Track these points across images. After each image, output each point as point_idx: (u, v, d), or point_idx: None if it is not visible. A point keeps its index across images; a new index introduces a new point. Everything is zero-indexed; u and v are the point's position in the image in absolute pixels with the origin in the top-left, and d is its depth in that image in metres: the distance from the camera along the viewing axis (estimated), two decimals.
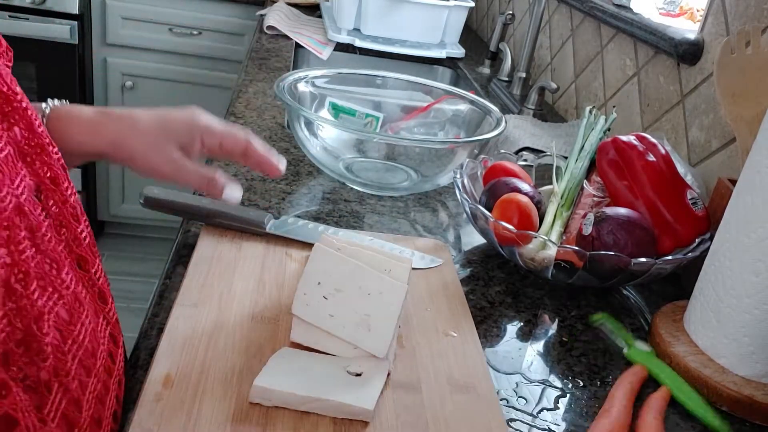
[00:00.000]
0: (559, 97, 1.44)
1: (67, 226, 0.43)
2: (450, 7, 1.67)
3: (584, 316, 0.72)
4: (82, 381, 0.41)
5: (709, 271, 0.65)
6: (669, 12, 1.19)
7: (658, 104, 1.06)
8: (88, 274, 0.46)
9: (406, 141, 0.99)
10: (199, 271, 0.64)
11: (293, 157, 0.97)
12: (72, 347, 0.40)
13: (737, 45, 0.79)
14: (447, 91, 1.08)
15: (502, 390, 0.58)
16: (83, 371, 0.41)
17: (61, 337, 0.39)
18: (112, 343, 0.47)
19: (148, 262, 2.46)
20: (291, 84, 0.95)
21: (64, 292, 0.40)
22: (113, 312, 0.49)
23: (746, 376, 0.61)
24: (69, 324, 0.40)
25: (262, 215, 0.72)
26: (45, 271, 0.39)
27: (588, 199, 0.80)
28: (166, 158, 0.58)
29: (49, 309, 0.38)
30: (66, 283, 0.41)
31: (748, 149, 0.63)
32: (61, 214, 0.43)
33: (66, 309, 0.40)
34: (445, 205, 0.93)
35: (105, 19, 2.18)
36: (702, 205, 0.75)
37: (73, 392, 0.39)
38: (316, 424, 0.49)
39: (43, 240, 0.39)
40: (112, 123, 0.57)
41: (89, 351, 0.42)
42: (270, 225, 0.72)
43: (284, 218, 0.75)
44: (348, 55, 1.66)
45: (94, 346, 0.43)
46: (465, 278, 0.75)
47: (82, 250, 0.45)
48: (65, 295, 0.40)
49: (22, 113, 0.40)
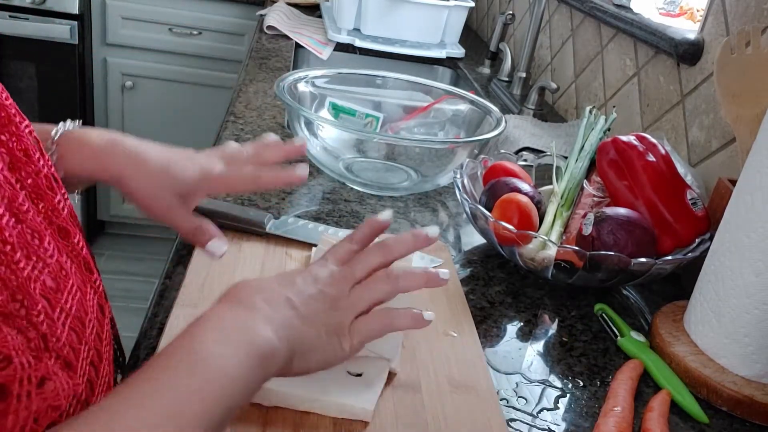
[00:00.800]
0: (559, 97, 1.44)
1: (43, 197, 0.44)
2: (450, 7, 1.67)
3: (584, 316, 0.72)
4: (74, 347, 0.41)
5: (709, 271, 0.65)
6: (669, 12, 1.19)
7: (658, 104, 1.06)
8: (70, 244, 0.46)
9: (406, 141, 0.99)
10: (199, 271, 0.64)
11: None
12: (60, 315, 0.40)
13: (737, 45, 0.79)
14: (447, 91, 1.08)
15: (502, 390, 0.58)
16: (75, 337, 0.41)
17: (50, 305, 0.39)
18: (99, 312, 0.48)
19: (148, 262, 2.46)
20: (291, 84, 0.95)
21: (48, 260, 0.40)
22: (99, 282, 0.49)
23: (746, 376, 0.61)
24: (56, 292, 0.40)
25: (262, 215, 0.72)
26: (27, 241, 0.39)
27: (588, 199, 0.80)
28: (162, 204, 0.58)
29: (35, 277, 0.38)
30: (49, 252, 0.41)
31: (748, 149, 0.63)
32: (37, 186, 0.43)
33: (52, 278, 0.40)
34: (445, 205, 0.93)
35: (105, 19, 2.18)
36: (702, 205, 0.75)
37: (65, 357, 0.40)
38: (316, 424, 0.49)
39: (20, 210, 0.39)
40: (119, 157, 0.57)
41: (78, 319, 0.43)
42: (270, 225, 0.72)
43: (284, 218, 0.75)
44: (348, 55, 1.66)
45: (82, 314, 0.43)
46: (465, 278, 0.75)
47: (61, 220, 0.45)
48: (50, 263, 0.41)
49: None
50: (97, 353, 0.45)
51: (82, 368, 0.42)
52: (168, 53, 2.26)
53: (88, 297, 0.46)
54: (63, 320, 0.41)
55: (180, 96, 2.32)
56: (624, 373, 0.61)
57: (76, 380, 0.40)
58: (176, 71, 2.29)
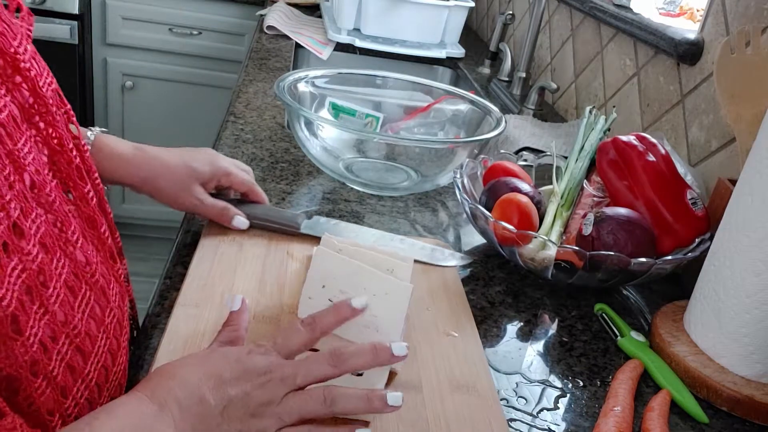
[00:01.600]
0: (559, 97, 1.44)
1: (74, 186, 0.46)
2: (450, 7, 1.67)
3: (584, 316, 0.72)
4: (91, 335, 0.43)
5: (709, 271, 0.65)
6: (669, 12, 1.19)
7: (658, 104, 1.06)
8: (97, 233, 0.48)
9: (406, 141, 0.99)
10: (200, 271, 0.64)
11: (293, 157, 0.97)
12: (81, 303, 0.42)
13: (737, 45, 0.79)
14: (447, 91, 1.08)
15: (502, 390, 0.58)
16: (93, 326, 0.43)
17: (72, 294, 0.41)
18: (121, 300, 0.49)
19: (148, 262, 2.46)
20: (291, 84, 0.95)
21: (69, 250, 0.42)
22: (121, 272, 0.52)
23: (746, 376, 0.61)
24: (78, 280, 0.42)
25: (296, 216, 0.74)
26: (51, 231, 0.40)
27: (588, 199, 0.81)
28: (190, 194, 0.69)
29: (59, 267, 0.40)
30: (71, 242, 0.43)
31: (748, 149, 0.63)
32: (68, 176, 0.45)
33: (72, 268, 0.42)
34: (445, 205, 0.93)
35: (105, 19, 2.18)
36: (702, 205, 0.75)
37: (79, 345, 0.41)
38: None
39: (47, 200, 0.41)
40: (145, 160, 0.67)
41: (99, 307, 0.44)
42: (304, 225, 0.74)
43: (316, 218, 0.77)
44: (348, 55, 1.66)
45: (103, 303, 0.45)
46: (465, 278, 0.75)
47: (90, 210, 0.47)
48: (71, 253, 0.42)
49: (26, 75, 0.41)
50: (116, 341, 0.46)
51: (97, 355, 0.43)
52: (168, 53, 2.26)
53: (111, 285, 0.47)
54: (83, 308, 0.42)
55: (180, 96, 2.32)
56: (624, 373, 0.61)
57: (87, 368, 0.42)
58: (176, 71, 2.29)
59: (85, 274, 0.43)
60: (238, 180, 0.73)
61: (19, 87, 0.41)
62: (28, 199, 0.38)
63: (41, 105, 0.42)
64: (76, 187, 0.46)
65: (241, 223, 0.71)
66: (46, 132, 0.43)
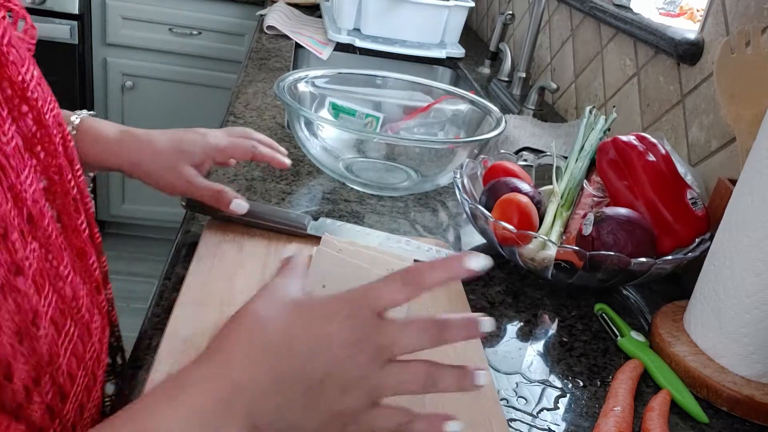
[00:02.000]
0: (559, 97, 1.44)
1: (67, 216, 0.44)
2: (450, 7, 1.67)
3: (584, 316, 0.72)
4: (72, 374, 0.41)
5: (709, 271, 0.65)
6: (669, 12, 1.19)
7: (658, 104, 1.06)
8: (85, 265, 0.46)
9: (406, 141, 0.99)
10: (201, 271, 0.64)
11: (293, 157, 0.97)
12: (64, 340, 0.40)
13: (737, 45, 0.79)
14: (447, 91, 1.08)
15: (502, 390, 0.58)
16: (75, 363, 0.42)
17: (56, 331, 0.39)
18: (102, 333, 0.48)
19: (148, 262, 2.46)
20: (291, 84, 0.95)
21: (59, 285, 0.41)
22: (105, 303, 0.50)
23: (746, 376, 0.61)
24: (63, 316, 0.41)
25: (302, 217, 0.73)
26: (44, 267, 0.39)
27: (588, 199, 0.81)
28: (180, 176, 0.65)
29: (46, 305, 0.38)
30: (62, 277, 0.41)
31: (748, 149, 0.63)
32: (63, 207, 0.44)
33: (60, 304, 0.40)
34: (445, 205, 0.93)
35: (105, 19, 2.18)
36: (702, 205, 0.75)
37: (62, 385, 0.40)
38: None
39: (44, 233, 0.40)
40: (132, 143, 0.64)
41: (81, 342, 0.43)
42: (311, 226, 0.73)
43: (322, 220, 0.76)
44: (348, 55, 1.66)
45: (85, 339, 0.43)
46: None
47: (80, 241, 0.45)
48: (60, 288, 0.41)
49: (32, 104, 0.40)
50: (93, 377, 0.45)
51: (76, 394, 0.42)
52: (168, 53, 2.26)
53: (95, 318, 0.46)
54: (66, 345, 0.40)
55: (180, 96, 2.32)
56: (624, 373, 0.61)
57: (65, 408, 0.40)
58: (176, 71, 2.29)
59: (72, 309, 0.42)
60: (239, 151, 0.69)
61: (25, 116, 0.40)
62: (24, 233, 0.37)
63: (44, 135, 0.42)
64: (70, 218, 0.44)
65: (239, 206, 0.67)
66: (46, 162, 0.42)
